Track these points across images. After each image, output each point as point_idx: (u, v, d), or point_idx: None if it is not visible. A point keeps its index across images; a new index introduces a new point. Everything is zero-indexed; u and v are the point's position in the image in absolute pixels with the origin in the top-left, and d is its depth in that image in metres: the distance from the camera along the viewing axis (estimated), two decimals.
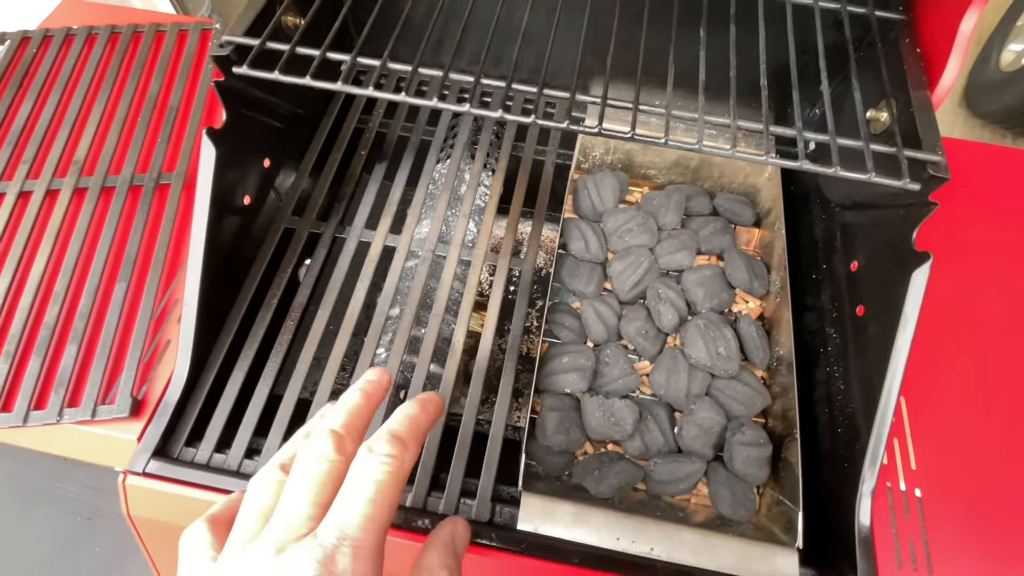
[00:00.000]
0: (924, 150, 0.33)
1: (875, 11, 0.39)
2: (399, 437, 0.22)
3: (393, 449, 0.22)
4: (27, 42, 0.55)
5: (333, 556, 0.19)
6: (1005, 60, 1.43)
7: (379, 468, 0.21)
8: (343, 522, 0.20)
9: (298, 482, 0.21)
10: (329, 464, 0.22)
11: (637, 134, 0.32)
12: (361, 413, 0.24)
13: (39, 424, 0.37)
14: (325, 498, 0.21)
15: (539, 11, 0.39)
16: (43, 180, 0.46)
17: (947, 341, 0.44)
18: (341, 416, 0.23)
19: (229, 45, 0.35)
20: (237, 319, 0.42)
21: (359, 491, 0.21)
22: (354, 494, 0.21)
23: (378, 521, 0.20)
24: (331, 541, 0.20)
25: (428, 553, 0.24)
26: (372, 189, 0.49)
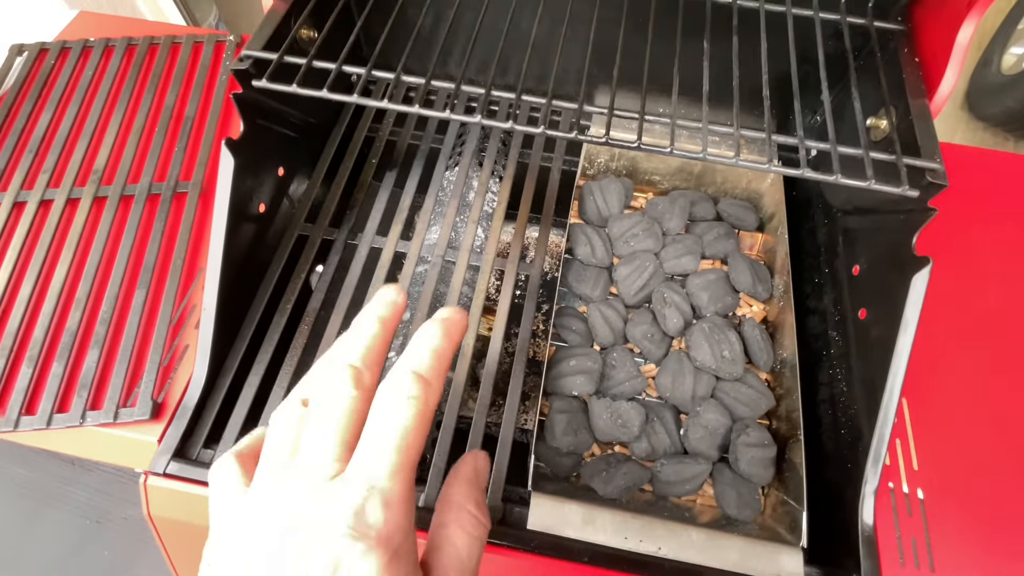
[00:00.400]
0: (923, 157, 0.34)
1: (874, 22, 0.40)
2: (422, 376, 0.21)
3: (417, 390, 0.20)
4: (45, 54, 0.57)
5: (364, 508, 0.19)
6: (1006, 63, 1.44)
7: (404, 412, 0.20)
8: (371, 472, 0.19)
9: (319, 420, 0.21)
10: (350, 400, 0.21)
11: (643, 143, 0.33)
12: (379, 342, 0.23)
13: (62, 427, 0.38)
14: (349, 436, 0.20)
15: (546, 23, 0.40)
16: (63, 189, 0.47)
17: (949, 343, 0.44)
18: (359, 348, 0.22)
19: (248, 59, 0.36)
20: (253, 324, 0.43)
21: (385, 438, 0.20)
22: (379, 442, 0.20)
23: (406, 467, 0.20)
24: (360, 492, 0.19)
25: (452, 488, 0.23)
26: (383, 196, 0.50)
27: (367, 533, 0.18)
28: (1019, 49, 1.41)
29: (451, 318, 0.23)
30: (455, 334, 0.23)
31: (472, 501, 0.23)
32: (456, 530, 0.22)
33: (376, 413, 0.20)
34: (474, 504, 0.23)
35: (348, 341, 0.23)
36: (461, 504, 0.23)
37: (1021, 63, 1.39)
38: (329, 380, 0.21)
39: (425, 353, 0.22)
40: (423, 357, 0.22)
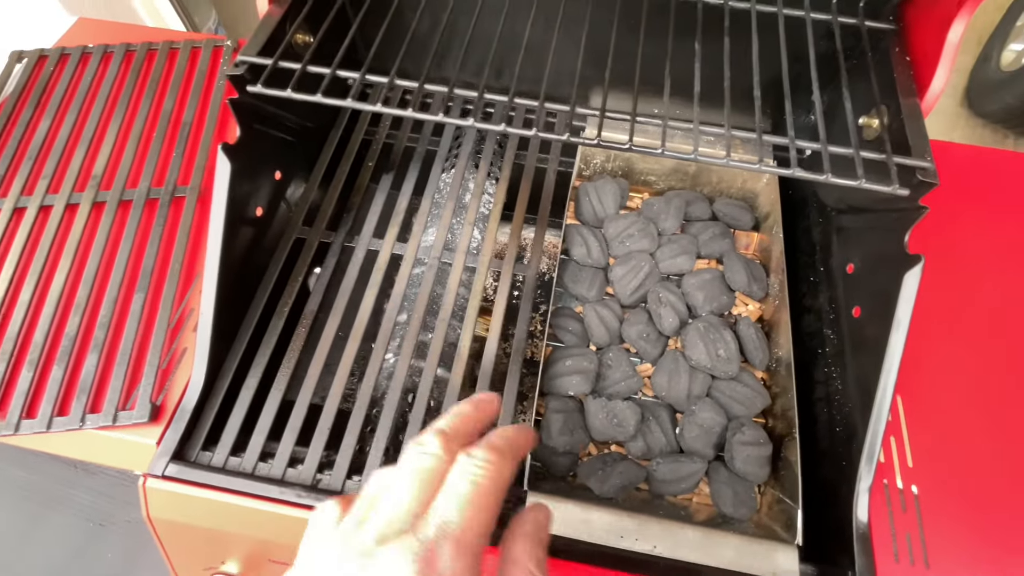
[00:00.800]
0: (913, 156, 0.34)
1: (865, 21, 0.40)
2: (497, 447, 0.23)
3: (491, 455, 0.23)
4: (44, 60, 0.57)
5: (434, 551, 0.20)
6: (1006, 60, 1.44)
7: (477, 471, 0.22)
8: (443, 518, 0.21)
9: (402, 475, 0.22)
10: (433, 460, 0.23)
11: (635, 144, 0.33)
12: (468, 419, 0.25)
13: (62, 430, 0.39)
14: (427, 494, 0.22)
15: (539, 25, 0.40)
16: (63, 194, 0.48)
17: (944, 341, 0.44)
18: (449, 419, 0.25)
19: (243, 64, 0.37)
20: (250, 327, 0.44)
21: (459, 490, 0.21)
22: (454, 492, 0.21)
23: (477, 521, 0.21)
24: (431, 534, 0.20)
25: (515, 544, 0.24)
26: (379, 199, 0.50)
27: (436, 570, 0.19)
28: (1018, 45, 1.41)
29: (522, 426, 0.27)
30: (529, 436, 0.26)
31: (534, 560, 0.23)
32: None
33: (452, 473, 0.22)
34: (535, 563, 0.23)
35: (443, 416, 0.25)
36: (523, 563, 0.23)
37: (1020, 59, 1.39)
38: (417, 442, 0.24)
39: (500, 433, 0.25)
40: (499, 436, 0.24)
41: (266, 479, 0.38)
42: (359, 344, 0.44)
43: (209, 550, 0.41)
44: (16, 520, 0.79)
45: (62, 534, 0.79)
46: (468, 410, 0.25)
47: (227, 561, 0.42)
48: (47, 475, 0.81)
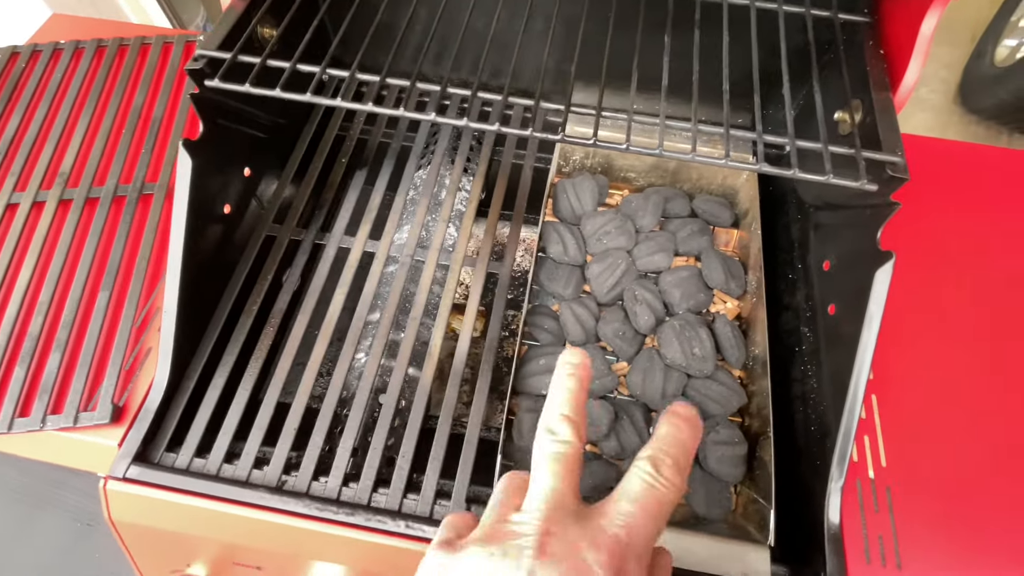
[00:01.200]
0: (884, 151, 0.33)
1: (839, 14, 0.39)
2: (680, 466, 0.23)
3: (676, 478, 0.23)
4: (16, 57, 0.56)
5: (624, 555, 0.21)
6: (999, 55, 1.43)
7: (662, 492, 0.22)
8: (631, 540, 0.21)
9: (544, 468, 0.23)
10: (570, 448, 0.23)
11: (600, 139, 0.33)
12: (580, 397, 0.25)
13: (23, 431, 0.38)
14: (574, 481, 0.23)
15: (506, 17, 0.39)
16: (29, 193, 0.47)
17: (920, 339, 0.44)
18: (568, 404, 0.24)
19: (203, 58, 0.36)
20: (219, 326, 0.43)
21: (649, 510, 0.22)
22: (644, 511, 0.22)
23: (650, 528, 0.22)
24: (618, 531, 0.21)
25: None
26: (352, 196, 0.50)
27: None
28: (1012, 41, 1.40)
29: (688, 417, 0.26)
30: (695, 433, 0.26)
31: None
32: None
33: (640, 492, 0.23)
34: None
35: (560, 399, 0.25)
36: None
37: (1015, 55, 1.38)
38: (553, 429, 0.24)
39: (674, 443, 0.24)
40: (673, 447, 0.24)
41: (231, 481, 0.38)
42: (329, 343, 0.43)
43: (174, 552, 0.40)
44: (7, 520, 0.78)
45: (52, 534, 0.78)
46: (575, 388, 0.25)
47: (193, 564, 0.41)
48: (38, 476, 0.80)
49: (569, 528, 0.21)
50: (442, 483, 0.39)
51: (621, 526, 0.21)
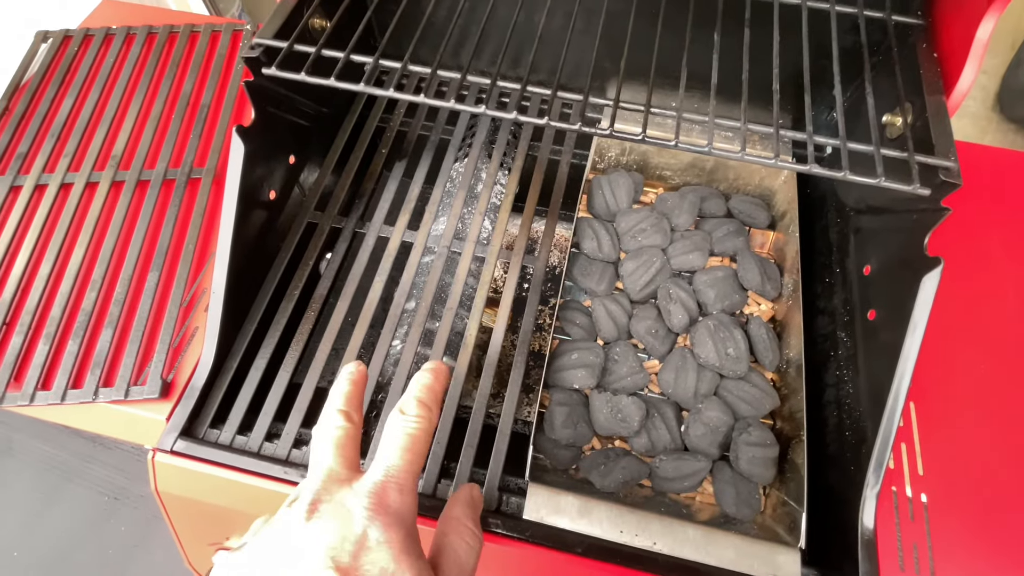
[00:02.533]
0: (936, 155, 0.33)
1: (892, 15, 0.39)
2: (423, 402, 0.27)
3: (419, 410, 0.27)
4: (68, 41, 0.58)
5: (383, 489, 0.23)
6: None
7: (411, 425, 0.26)
8: (387, 464, 0.25)
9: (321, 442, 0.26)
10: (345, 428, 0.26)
11: (648, 136, 0.33)
12: (354, 393, 0.29)
13: (76, 402, 0.39)
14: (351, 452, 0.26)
15: (556, 14, 0.40)
16: (83, 173, 0.49)
17: (962, 348, 0.43)
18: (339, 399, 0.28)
19: (259, 47, 0.37)
20: (261, 309, 0.44)
21: (397, 440, 0.25)
22: (394, 443, 0.25)
23: (414, 465, 0.25)
24: (378, 478, 0.24)
25: (453, 507, 0.28)
26: (391, 186, 0.51)
27: (386, 510, 0.23)
28: None
29: (435, 367, 0.30)
30: (443, 378, 0.30)
31: (469, 519, 0.28)
32: (457, 539, 0.27)
33: (388, 428, 0.26)
34: (471, 521, 0.28)
35: (330, 397, 0.28)
36: (460, 520, 0.27)
37: None
38: (323, 420, 0.27)
39: (422, 388, 0.28)
40: (421, 391, 0.28)
41: (271, 459, 0.39)
42: (367, 330, 0.44)
43: (214, 525, 0.42)
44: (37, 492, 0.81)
45: (79, 506, 0.81)
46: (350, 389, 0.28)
47: (231, 537, 0.42)
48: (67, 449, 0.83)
49: (337, 491, 0.24)
50: (474, 471, 0.40)
51: (379, 470, 0.24)
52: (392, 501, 0.23)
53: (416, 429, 0.26)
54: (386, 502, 0.23)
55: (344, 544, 0.21)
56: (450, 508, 0.28)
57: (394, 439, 0.26)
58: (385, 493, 0.23)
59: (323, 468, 0.25)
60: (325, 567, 0.21)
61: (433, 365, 0.30)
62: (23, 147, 0.50)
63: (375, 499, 0.23)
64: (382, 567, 0.21)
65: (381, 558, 0.21)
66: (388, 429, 0.26)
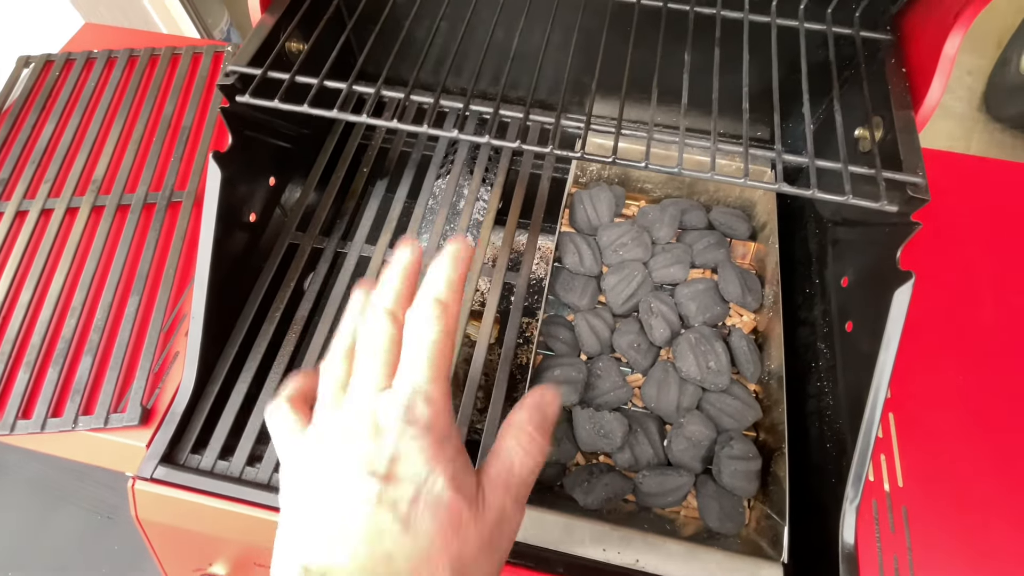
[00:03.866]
0: (905, 171, 0.33)
1: (861, 31, 0.39)
2: (440, 300, 0.25)
3: (437, 311, 0.25)
4: (50, 65, 0.58)
5: (412, 405, 0.23)
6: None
7: (431, 330, 0.24)
8: (412, 378, 0.24)
9: (367, 352, 0.25)
10: (389, 335, 0.25)
11: (619, 158, 0.33)
12: (404, 290, 0.27)
13: (55, 431, 0.39)
14: (392, 360, 0.25)
15: (533, 31, 0.40)
16: (63, 198, 0.49)
17: (941, 358, 0.44)
18: (389, 296, 0.26)
19: (234, 74, 0.37)
20: (243, 331, 0.44)
21: (419, 353, 0.24)
22: (416, 355, 0.24)
23: (440, 372, 0.24)
24: (407, 392, 0.23)
25: (518, 411, 0.26)
26: (373, 204, 0.51)
27: (416, 421, 0.23)
28: None
29: (457, 249, 0.27)
30: (462, 263, 0.27)
31: (532, 423, 0.25)
32: (512, 443, 0.25)
33: (409, 336, 0.25)
34: (534, 425, 0.25)
35: (379, 292, 0.27)
36: (522, 424, 0.25)
37: None
38: (370, 322, 0.26)
39: (440, 282, 0.26)
40: (439, 285, 0.26)
41: (253, 483, 0.39)
42: None
43: (197, 551, 0.42)
44: (29, 511, 0.80)
45: (73, 525, 0.80)
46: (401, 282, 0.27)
47: (215, 563, 0.42)
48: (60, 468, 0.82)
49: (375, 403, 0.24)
50: None
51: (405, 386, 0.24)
52: (420, 413, 0.23)
53: (437, 332, 0.24)
54: (415, 414, 0.23)
55: (380, 453, 0.22)
56: (514, 412, 0.26)
57: (415, 348, 0.24)
58: (413, 405, 0.23)
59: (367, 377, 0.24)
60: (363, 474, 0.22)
61: (454, 246, 0.27)
62: (4, 173, 0.51)
63: (405, 412, 0.23)
64: (415, 471, 0.22)
65: (414, 463, 0.22)
66: (408, 336, 0.25)
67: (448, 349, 0.25)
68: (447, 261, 0.27)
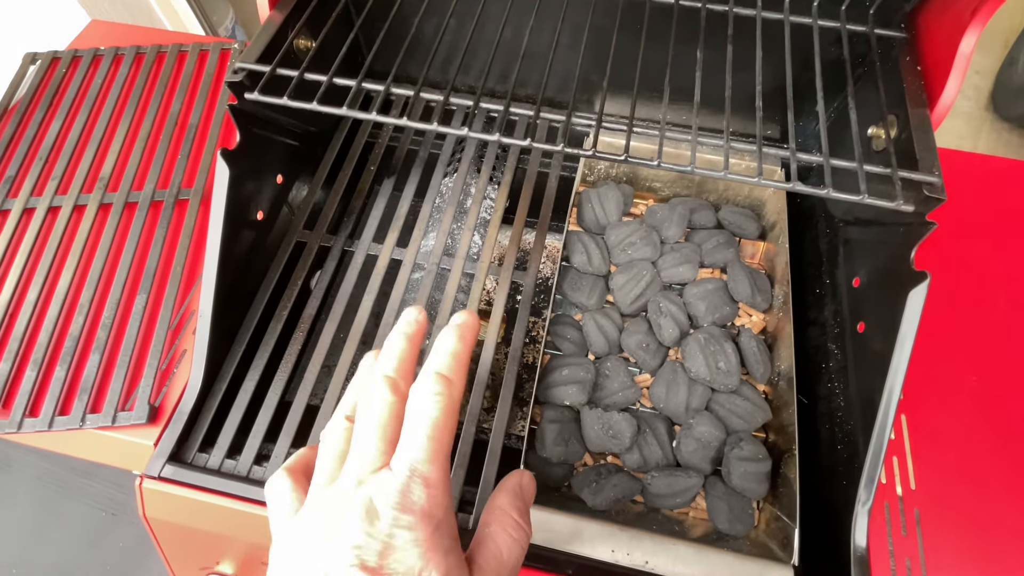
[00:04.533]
0: (920, 170, 0.33)
1: (875, 29, 0.39)
2: (444, 376, 0.24)
3: (440, 387, 0.24)
4: (57, 62, 0.58)
5: (408, 489, 0.22)
6: None
7: (432, 406, 0.23)
8: (410, 458, 0.22)
9: (365, 425, 0.24)
10: (389, 406, 0.24)
11: (631, 155, 0.33)
12: (408, 355, 0.26)
13: (63, 429, 0.39)
14: (391, 435, 0.24)
15: (543, 30, 0.40)
16: (71, 196, 0.49)
17: (954, 360, 0.43)
18: (392, 362, 0.26)
19: (242, 71, 0.37)
20: (250, 329, 0.44)
21: (419, 429, 0.23)
22: (416, 432, 0.23)
23: (440, 452, 0.23)
24: (404, 475, 0.22)
25: (498, 496, 0.26)
26: (380, 203, 0.50)
27: (412, 509, 0.22)
28: None
29: (465, 322, 0.27)
30: (469, 336, 0.27)
31: (515, 509, 0.25)
32: (499, 530, 0.25)
33: (410, 411, 0.24)
34: (516, 511, 0.25)
35: (382, 358, 0.26)
36: (505, 509, 0.25)
37: None
38: (370, 393, 0.25)
39: (445, 356, 0.25)
40: (443, 359, 0.25)
41: (261, 483, 0.39)
42: (357, 348, 0.44)
43: (204, 550, 0.41)
44: (34, 508, 0.81)
45: (78, 522, 0.80)
46: (405, 347, 0.26)
47: (222, 562, 0.42)
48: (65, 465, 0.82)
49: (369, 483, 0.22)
50: (465, 490, 0.39)
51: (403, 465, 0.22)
52: (417, 498, 0.22)
53: (439, 409, 0.23)
54: (411, 499, 0.22)
55: (370, 543, 0.21)
56: (495, 497, 0.26)
57: (415, 425, 0.23)
58: (409, 490, 0.22)
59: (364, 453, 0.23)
60: (350, 565, 0.20)
61: (462, 319, 0.26)
62: (11, 171, 0.50)
63: (400, 497, 0.22)
64: (409, 566, 0.21)
65: (408, 556, 0.21)
66: (409, 411, 0.24)
67: (450, 426, 0.24)
68: (453, 333, 0.26)
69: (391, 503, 0.21)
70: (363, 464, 0.23)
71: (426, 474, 0.22)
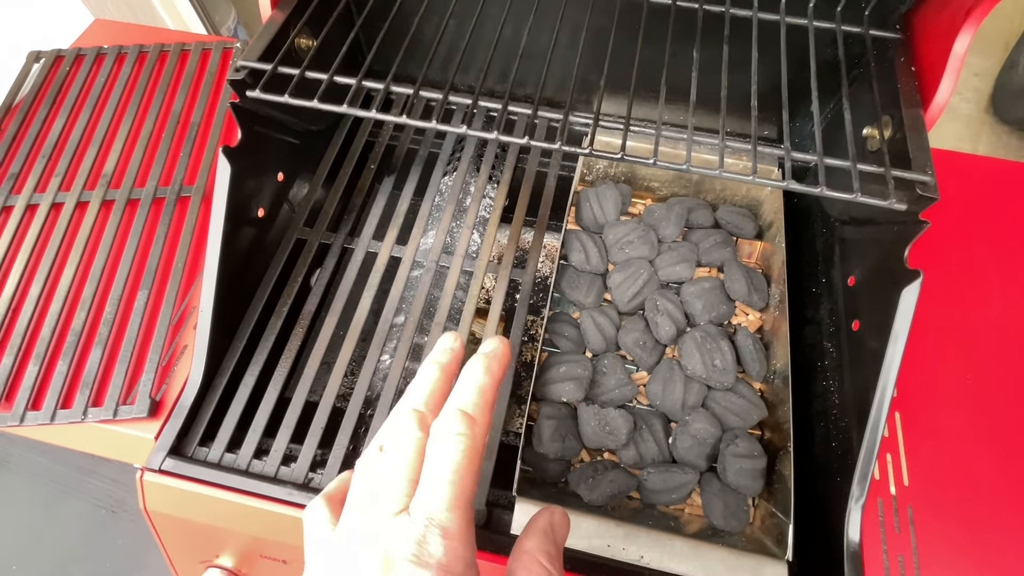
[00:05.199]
0: (914, 169, 0.33)
1: (870, 30, 0.39)
2: (467, 415, 0.23)
3: (463, 427, 0.23)
4: (60, 61, 0.59)
5: (425, 538, 0.21)
6: None
7: (454, 448, 0.22)
8: (429, 507, 0.21)
9: (389, 463, 0.23)
10: (414, 442, 0.23)
11: (628, 154, 0.33)
12: (440, 387, 0.25)
13: (65, 422, 0.40)
14: (414, 474, 0.23)
15: (542, 30, 0.40)
16: (74, 193, 0.49)
17: (948, 358, 0.43)
18: (421, 396, 0.25)
19: (244, 69, 0.37)
20: (250, 325, 0.44)
21: (439, 475, 0.22)
22: (436, 477, 0.22)
23: (461, 499, 0.22)
24: (421, 524, 0.21)
25: (528, 538, 0.24)
26: (380, 201, 0.51)
27: (428, 562, 0.20)
28: None
29: (494, 351, 0.25)
30: (496, 369, 0.25)
31: (544, 553, 0.24)
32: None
33: (430, 453, 0.23)
34: (545, 556, 0.23)
35: (413, 388, 0.25)
36: (533, 555, 0.23)
37: None
38: (397, 425, 0.24)
39: (471, 391, 0.24)
40: (469, 395, 0.24)
41: (259, 476, 0.39)
42: (356, 344, 0.44)
43: (204, 543, 0.42)
44: (34, 505, 0.81)
45: (77, 519, 0.81)
46: (438, 378, 0.25)
47: (221, 555, 0.43)
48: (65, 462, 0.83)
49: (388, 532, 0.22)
50: None
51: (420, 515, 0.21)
52: (434, 550, 0.21)
53: (460, 452, 0.22)
54: (427, 551, 0.20)
55: None
56: (523, 539, 0.24)
57: (435, 471, 0.22)
58: (426, 541, 0.21)
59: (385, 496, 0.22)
60: None
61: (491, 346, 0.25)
62: (15, 167, 0.51)
63: (417, 548, 0.20)
64: None
65: None
66: (430, 452, 0.23)
67: (473, 470, 0.22)
68: (480, 365, 0.25)
69: (406, 556, 0.20)
70: (385, 506, 0.22)
71: (445, 524, 0.21)
